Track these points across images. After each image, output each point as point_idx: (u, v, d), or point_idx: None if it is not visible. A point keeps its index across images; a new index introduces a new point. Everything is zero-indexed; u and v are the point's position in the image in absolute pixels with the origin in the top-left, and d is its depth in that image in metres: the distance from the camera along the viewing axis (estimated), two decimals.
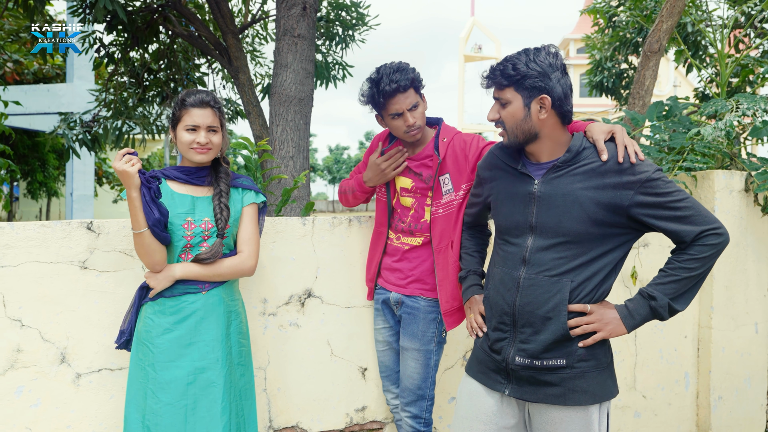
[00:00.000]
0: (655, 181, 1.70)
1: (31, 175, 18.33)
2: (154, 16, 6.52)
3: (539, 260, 1.78)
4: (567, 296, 1.74)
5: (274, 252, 2.60)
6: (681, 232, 1.71)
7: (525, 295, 1.79)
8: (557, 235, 1.76)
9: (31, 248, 2.23)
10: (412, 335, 2.41)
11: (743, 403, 3.39)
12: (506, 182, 1.91)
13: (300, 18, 4.85)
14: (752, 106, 3.43)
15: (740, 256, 3.37)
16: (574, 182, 1.76)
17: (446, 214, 2.36)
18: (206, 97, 2.14)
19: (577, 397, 1.75)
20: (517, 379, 1.82)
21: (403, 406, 2.45)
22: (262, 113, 6.14)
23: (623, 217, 1.73)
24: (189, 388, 2.04)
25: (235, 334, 2.17)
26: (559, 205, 1.76)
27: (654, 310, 1.75)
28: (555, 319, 1.74)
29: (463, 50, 41.14)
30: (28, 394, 2.23)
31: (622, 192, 1.71)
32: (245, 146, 3.17)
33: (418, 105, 2.33)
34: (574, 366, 1.76)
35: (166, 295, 2.08)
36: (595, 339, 1.75)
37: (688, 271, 1.71)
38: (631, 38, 8.14)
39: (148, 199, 1.95)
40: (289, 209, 4.66)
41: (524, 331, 1.79)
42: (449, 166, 2.36)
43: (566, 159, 1.78)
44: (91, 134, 7.30)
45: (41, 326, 2.25)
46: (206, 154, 2.12)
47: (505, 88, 1.77)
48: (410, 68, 2.32)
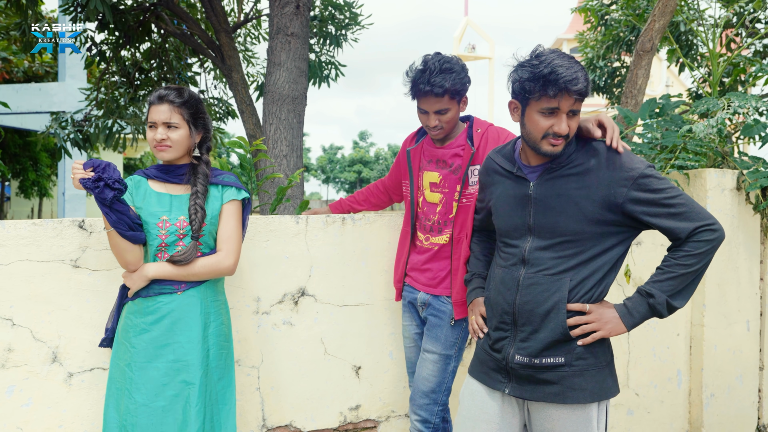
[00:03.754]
0: (648, 177, 1.70)
1: (23, 174, 18.23)
2: (146, 15, 6.49)
3: (538, 259, 1.79)
4: (566, 294, 1.74)
5: (267, 250, 2.60)
6: (675, 229, 1.71)
7: (524, 294, 1.79)
8: (555, 235, 1.77)
9: (22, 247, 2.22)
10: (435, 338, 2.39)
11: (735, 400, 3.41)
12: (504, 186, 1.92)
13: (293, 16, 4.84)
14: (743, 104, 3.44)
15: (732, 254, 3.38)
16: (569, 182, 1.77)
17: (468, 205, 2.33)
18: (164, 92, 2.07)
19: (576, 395, 1.75)
20: (517, 377, 1.82)
21: (414, 409, 2.41)
22: (255, 112, 6.12)
23: (618, 214, 1.73)
24: (164, 389, 2.01)
25: (213, 336, 2.12)
26: (555, 205, 1.77)
27: (652, 308, 1.74)
28: (554, 318, 1.75)
29: (456, 50, 41.20)
30: (19, 394, 2.22)
31: (615, 189, 1.71)
32: (240, 145, 3.15)
33: (448, 111, 2.29)
34: (573, 364, 1.76)
35: (143, 294, 2.06)
36: (594, 338, 1.75)
37: (684, 267, 1.71)
38: (624, 37, 8.16)
39: (99, 203, 1.91)
40: (283, 208, 4.66)
41: (524, 330, 1.80)
42: (481, 158, 2.31)
43: (559, 160, 1.79)
44: (82, 134, 7.25)
45: (32, 325, 2.23)
46: (166, 151, 2.07)
47: (583, 99, 1.74)
48: (456, 72, 2.24)
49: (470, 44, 43.40)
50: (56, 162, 17.25)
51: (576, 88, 1.66)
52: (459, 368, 2.94)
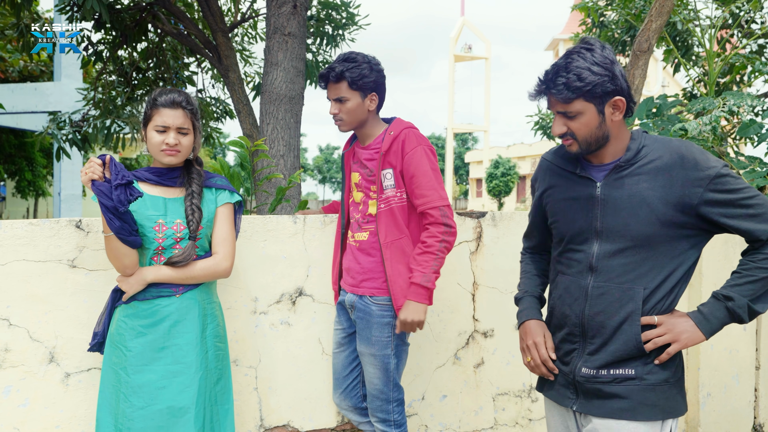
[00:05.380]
0: (724, 177, 1.59)
1: (19, 174, 18.18)
2: (142, 14, 6.48)
3: (607, 267, 1.67)
4: (640, 305, 1.63)
5: (265, 250, 2.59)
6: (755, 231, 1.59)
7: (594, 305, 1.68)
8: (625, 239, 1.65)
9: (18, 247, 2.21)
10: (367, 340, 2.38)
11: (731, 400, 3.42)
12: (565, 188, 1.79)
13: (290, 16, 4.83)
14: (738, 102, 3.45)
15: (728, 254, 3.39)
16: (640, 182, 1.64)
17: (389, 209, 2.34)
18: (178, 97, 2.06)
19: (648, 412, 1.62)
20: (584, 392, 1.71)
21: (372, 412, 2.43)
22: (252, 112, 6.11)
23: (693, 216, 1.62)
24: (161, 393, 1.99)
25: (211, 338, 2.12)
26: (626, 207, 1.65)
27: (731, 312, 1.61)
28: (627, 330, 1.64)
29: (453, 50, 41.23)
30: (16, 394, 2.21)
31: (690, 189, 1.60)
32: (241, 145, 3.14)
33: (347, 101, 2.34)
34: (644, 377, 1.64)
35: (139, 298, 2.04)
36: (671, 352, 1.62)
37: (765, 271, 1.59)
38: (620, 37, 8.18)
39: (103, 210, 1.88)
40: (281, 208, 4.65)
41: (594, 342, 1.69)
42: (392, 161, 2.34)
43: (628, 158, 1.67)
44: (80, 134, 7.23)
45: (29, 325, 2.23)
46: (175, 156, 2.06)
47: (573, 101, 1.62)
48: (356, 63, 2.33)
49: (467, 44, 43.47)
50: (53, 162, 17.21)
51: (554, 92, 1.62)
52: (450, 367, 2.94)
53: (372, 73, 2.35)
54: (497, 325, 3.01)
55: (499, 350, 3.01)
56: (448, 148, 42.94)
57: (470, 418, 2.98)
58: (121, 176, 1.87)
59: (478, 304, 2.98)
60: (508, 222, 3.04)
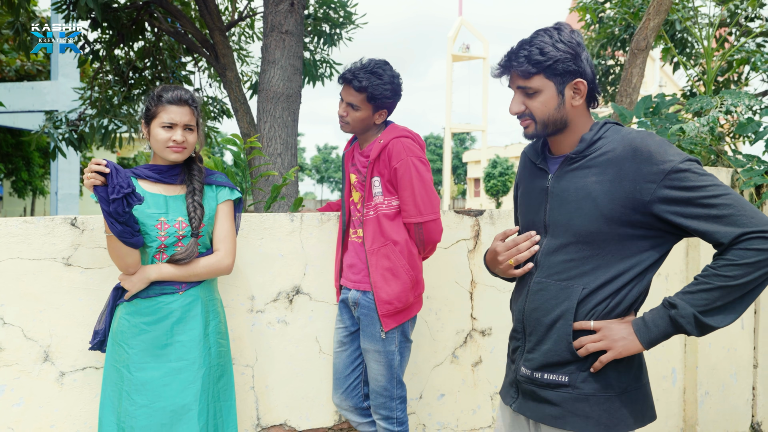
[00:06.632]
0: (683, 172, 1.44)
1: (16, 173, 18.14)
2: (139, 13, 6.45)
3: (549, 263, 1.59)
4: (575, 304, 1.53)
5: (262, 248, 2.58)
6: (716, 234, 1.42)
7: (533, 301, 1.61)
8: (568, 235, 1.56)
9: (13, 244, 2.19)
10: (371, 337, 2.39)
11: (729, 398, 3.42)
12: (528, 180, 1.74)
13: (288, 14, 4.82)
14: (736, 101, 3.45)
15: None
16: (588, 175, 1.54)
17: (375, 217, 2.37)
18: (185, 94, 2.07)
19: (579, 423, 1.52)
20: (522, 392, 1.66)
21: (375, 409, 2.44)
22: (249, 110, 6.10)
23: (645, 215, 1.48)
24: (165, 390, 1.99)
25: (213, 335, 2.12)
26: (572, 201, 1.56)
27: (674, 322, 1.45)
28: (560, 329, 1.55)
29: (450, 50, 41.22)
30: (10, 393, 2.19)
31: (642, 185, 1.46)
32: (234, 142, 3.13)
33: (359, 110, 2.38)
34: (578, 386, 1.54)
35: (141, 295, 2.03)
36: (603, 361, 1.50)
37: (723, 279, 1.41)
38: (618, 35, 8.18)
39: (105, 215, 1.87)
40: (277, 206, 4.64)
41: (531, 340, 1.62)
42: (380, 170, 2.37)
43: (580, 149, 1.58)
44: (77, 133, 7.21)
45: (24, 324, 2.21)
46: (181, 153, 2.06)
47: (533, 76, 1.55)
48: (381, 79, 2.34)
49: (464, 44, 43.45)
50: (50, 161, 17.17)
51: (515, 64, 1.56)
52: (447, 366, 2.93)
53: (393, 95, 2.40)
54: (495, 324, 2.99)
55: (498, 349, 3.00)
56: (446, 147, 42.92)
57: (468, 417, 2.97)
58: (118, 189, 1.83)
59: (476, 303, 2.97)
60: (506, 220, 3.03)
